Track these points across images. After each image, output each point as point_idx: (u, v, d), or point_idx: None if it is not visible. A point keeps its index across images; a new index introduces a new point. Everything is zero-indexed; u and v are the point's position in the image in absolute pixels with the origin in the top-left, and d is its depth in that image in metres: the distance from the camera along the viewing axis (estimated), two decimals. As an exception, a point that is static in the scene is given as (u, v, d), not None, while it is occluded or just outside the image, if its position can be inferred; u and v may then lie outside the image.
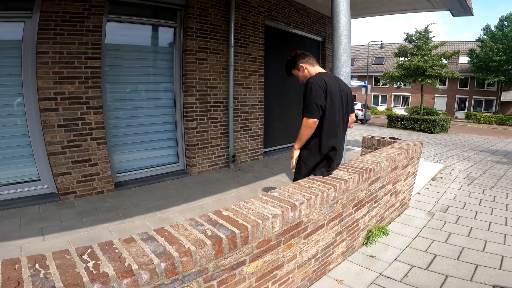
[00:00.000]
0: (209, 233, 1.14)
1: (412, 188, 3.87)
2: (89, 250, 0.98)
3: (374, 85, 32.06)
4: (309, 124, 1.99)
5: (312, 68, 2.21)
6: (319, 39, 6.87)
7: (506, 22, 24.24)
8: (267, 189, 3.81)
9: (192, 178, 4.24)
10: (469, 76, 27.74)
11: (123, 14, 3.62)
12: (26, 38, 2.99)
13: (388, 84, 19.98)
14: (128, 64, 3.84)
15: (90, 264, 0.91)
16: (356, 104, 17.91)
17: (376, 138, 4.20)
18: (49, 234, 2.44)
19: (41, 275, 0.83)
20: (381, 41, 22.34)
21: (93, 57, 3.22)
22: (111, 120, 3.66)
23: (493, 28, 24.97)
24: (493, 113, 25.97)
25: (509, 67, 23.91)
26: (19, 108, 3.11)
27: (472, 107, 29.11)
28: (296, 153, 2.19)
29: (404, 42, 17.50)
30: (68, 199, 3.24)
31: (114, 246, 1.02)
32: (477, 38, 26.30)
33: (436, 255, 2.58)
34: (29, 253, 2.11)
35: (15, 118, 3.12)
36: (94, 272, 0.88)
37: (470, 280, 2.20)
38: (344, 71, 2.65)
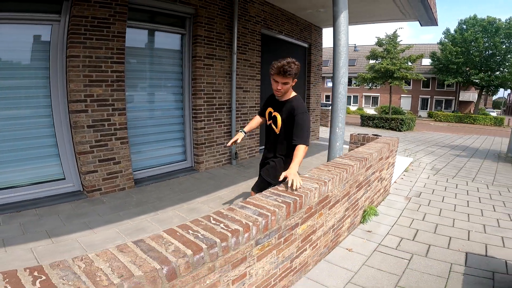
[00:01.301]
0: (280, 200, 1.61)
1: (392, 177, 4.56)
2: (211, 217, 1.40)
3: (348, 86, 33.69)
4: (306, 150, 2.11)
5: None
6: (306, 45, 7.50)
7: (465, 26, 26.17)
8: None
9: (201, 174, 4.64)
10: (430, 77, 29.98)
11: (140, 21, 3.93)
12: (54, 41, 3.19)
13: (359, 85, 21.27)
14: (143, 68, 4.16)
15: (222, 226, 1.33)
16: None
17: (362, 135, 4.85)
18: (96, 228, 2.72)
19: (200, 236, 1.23)
20: (355, 44, 23.76)
21: (118, 61, 3.51)
22: (130, 121, 3.95)
23: (452, 32, 26.97)
24: (452, 112, 28.39)
25: (467, 69, 26.12)
26: (46, 109, 3.32)
27: (433, 107, 31.58)
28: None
29: (375, 45, 18.72)
30: (94, 196, 3.50)
31: (225, 213, 1.44)
32: (439, 41, 28.28)
33: (418, 230, 3.20)
34: (87, 245, 2.40)
35: (42, 119, 3.32)
36: (229, 229, 1.30)
37: (448, 248, 2.81)
38: (343, 81, 3.20)
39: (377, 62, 18.30)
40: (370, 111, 30.89)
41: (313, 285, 2.14)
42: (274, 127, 2.34)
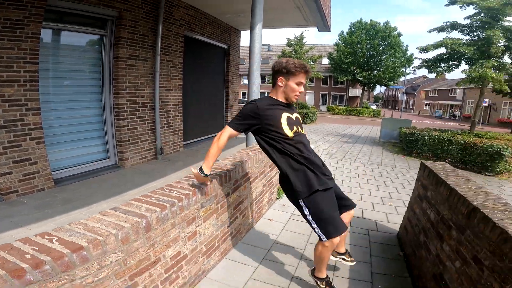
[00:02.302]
0: (214, 173, 2.14)
1: (298, 161, 5.62)
2: (164, 188, 1.81)
3: (262, 83, 35.83)
4: None
5: None
6: (225, 46, 8.09)
7: (353, 29, 29.79)
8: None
9: (127, 170, 4.72)
10: (328, 75, 34.33)
11: (58, 22, 3.80)
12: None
13: None
14: (60, 68, 4.01)
15: (175, 192, 1.76)
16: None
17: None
18: (29, 225, 2.69)
19: (161, 199, 1.66)
20: (268, 44, 25.66)
21: (31, 61, 3.36)
22: (46, 121, 3.77)
23: (345, 34, 30.51)
24: (344, 106, 33.69)
25: (354, 68, 30.27)
26: None
27: (330, 101, 36.76)
28: None
29: (286, 45, 20.66)
30: (11, 198, 3.31)
31: (174, 185, 1.88)
32: (335, 42, 31.89)
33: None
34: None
35: None
36: (182, 194, 1.75)
37: (340, 212, 3.84)
38: (256, 81, 3.89)
39: (286, 61, 20.25)
40: (281, 106, 33.68)
41: (248, 247, 2.77)
42: (302, 131, 1.93)
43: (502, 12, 8.82)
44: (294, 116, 1.90)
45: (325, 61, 33.76)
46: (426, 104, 48.21)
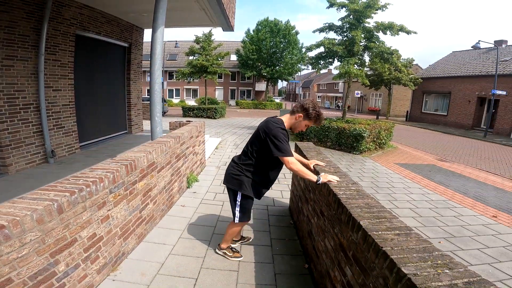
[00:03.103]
0: (120, 163, 2.38)
1: (205, 153, 6.10)
2: (69, 178, 1.99)
3: (169, 79, 34.41)
4: None
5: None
6: (126, 45, 7.79)
7: (260, 27, 31.31)
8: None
9: (13, 176, 4.33)
10: (236, 71, 35.58)
11: None
12: None
13: (180, 79, 22.29)
14: None
15: (82, 180, 1.96)
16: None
17: (178, 122, 6.10)
18: None
19: (69, 186, 1.86)
20: (176, 41, 24.65)
21: None
22: None
23: (251, 32, 31.95)
24: (251, 100, 35.76)
25: (259, 64, 32.07)
26: None
27: (239, 96, 38.38)
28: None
29: (194, 42, 20.42)
30: None
31: (79, 175, 2.07)
32: (241, 39, 33.11)
33: (225, 187, 4.67)
34: None
35: None
36: (89, 181, 1.97)
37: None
38: (158, 81, 4.13)
39: (194, 58, 20.12)
40: (191, 102, 33.35)
41: (163, 231, 3.10)
42: None
43: (364, 14, 10.49)
44: None
45: (233, 57, 34.88)
46: (318, 97, 55.47)
